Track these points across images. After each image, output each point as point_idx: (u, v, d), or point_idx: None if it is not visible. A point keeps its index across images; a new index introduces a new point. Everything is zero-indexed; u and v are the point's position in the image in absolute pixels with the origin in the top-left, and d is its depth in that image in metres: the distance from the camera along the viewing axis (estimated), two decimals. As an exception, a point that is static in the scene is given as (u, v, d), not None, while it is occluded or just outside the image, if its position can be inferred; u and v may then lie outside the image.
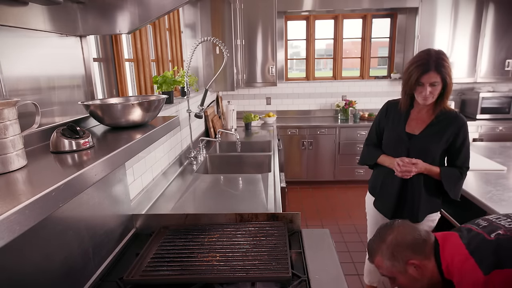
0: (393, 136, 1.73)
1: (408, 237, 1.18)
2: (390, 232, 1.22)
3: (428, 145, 1.65)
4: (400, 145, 1.70)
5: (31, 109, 0.76)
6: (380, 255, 1.21)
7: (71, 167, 0.71)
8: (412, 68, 1.57)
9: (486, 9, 4.03)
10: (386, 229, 1.25)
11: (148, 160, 1.82)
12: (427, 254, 1.16)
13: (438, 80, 1.53)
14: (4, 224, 0.45)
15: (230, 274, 1.09)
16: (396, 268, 1.18)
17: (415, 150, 1.66)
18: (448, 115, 1.64)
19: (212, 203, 1.78)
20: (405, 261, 1.16)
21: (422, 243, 1.17)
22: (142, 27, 1.21)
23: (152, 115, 1.11)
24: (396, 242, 1.19)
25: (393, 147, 1.74)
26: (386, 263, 1.20)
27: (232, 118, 3.71)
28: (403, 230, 1.21)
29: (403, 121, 1.71)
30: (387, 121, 1.78)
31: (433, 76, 1.52)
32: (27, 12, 0.89)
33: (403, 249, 1.17)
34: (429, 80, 1.53)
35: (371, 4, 4.32)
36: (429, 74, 1.52)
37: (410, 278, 1.16)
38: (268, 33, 3.93)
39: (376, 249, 1.24)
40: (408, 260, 1.16)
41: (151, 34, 2.33)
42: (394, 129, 1.73)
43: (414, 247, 1.17)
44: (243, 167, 2.74)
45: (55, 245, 0.96)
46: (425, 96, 1.57)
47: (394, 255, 1.18)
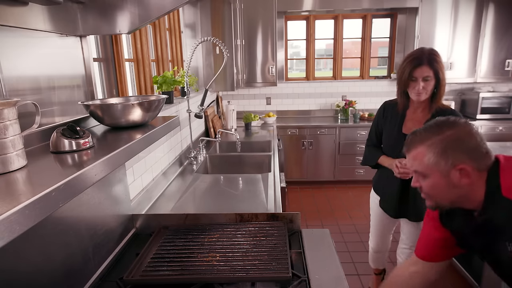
0: (391, 138, 1.76)
1: (472, 140, 0.96)
2: (451, 127, 0.99)
3: None
4: (398, 146, 1.70)
5: (31, 109, 0.76)
6: (427, 146, 0.99)
7: (71, 167, 0.71)
8: (405, 63, 1.60)
9: (486, 9, 4.03)
10: (446, 123, 1.01)
11: (148, 160, 1.82)
12: (482, 167, 0.97)
13: (431, 74, 1.56)
14: (4, 224, 0.45)
15: (230, 274, 1.09)
16: (439, 167, 0.98)
17: None
18: (444, 113, 1.64)
19: (212, 203, 1.78)
20: (454, 164, 0.96)
21: (484, 154, 0.97)
22: (142, 27, 1.21)
23: (152, 115, 1.11)
24: (456, 138, 0.97)
25: (391, 148, 1.76)
26: (430, 157, 0.99)
27: (232, 118, 3.71)
28: (468, 130, 0.98)
29: (400, 122, 1.72)
30: (385, 122, 1.81)
31: (425, 70, 1.55)
32: (27, 12, 0.89)
33: (460, 149, 0.96)
34: (422, 74, 1.56)
35: (371, 4, 4.31)
36: (422, 68, 1.55)
37: (446, 184, 0.98)
38: (268, 33, 3.93)
39: (424, 139, 1.01)
40: (459, 163, 0.95)
41: (151, 34, 2.33)
42: (391, 130, 1.75)
43: (474, 153, 0.96)
44: (243, 167, 2.73)
45: (55, 245, 0.96)
46: (418, 91, 1.59)
47: (446, 152, 0.96)
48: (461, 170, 0.95)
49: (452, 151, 0.96)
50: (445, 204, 1.03)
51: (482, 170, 0.97)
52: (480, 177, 0.97)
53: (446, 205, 1.03)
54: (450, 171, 0.96)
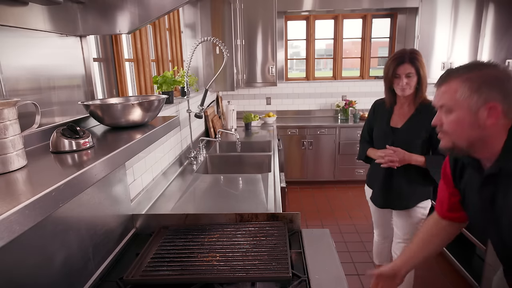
0: (380, 131, 1.90)
1: (510, 83, 0.92)
2: (492, 68, 0.95)
3: (410, 136, 1.79)
4: (386, 138, 1.85)
5: (31, 109, 0.76)
6: (463, 81, 0.94)
7: (71, 167, 0.71)
8: (390, 62, 1.77)
9: (486, 9, 4.03)
10: (487, 64, 0.96)
11: (148, 160, 1.82)
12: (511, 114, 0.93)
13: (413, 71, 1.71)
14: (4, 224, 0.45)
15: (230, 274, 1.09)
16: (469, 102, 0.93)
17: (398, 142, 1.80)
18: (428, 107, 1.76)
19: (212, 203, 1.78)
20: (486, 100, 0.91)
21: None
22: (142, 27, 1.21)
23: (152, 115, 1.11)
24: (495, 77, 0.92)
25: (380, 140, 1.89)
26: (462, 91, 0.94)
27: (232, 118, 3.71)
28: (509, 74, 0.93)
29: (388, 116, 1.88)
30: (375, 119, 1.95)
31: (407, 68, 1.71)
32: (27, 12, 0.89)
33: (497, 88, 0.91)
34: (404, 71, 1.72)
35: (371, 4, 4.31)
36: (404, 66, 1.72)
37: (471, 122, 0.94)
38: (268, 33, 3.93)
39: (461, 74, 0.96)
40: (492, 101, 0.91)
41: (151, 34, 2.33)
42: (380, 125, 1.90)
43: (509, 96, 0.91)
44: (243, 167, 2.73)
45: (55, 245, 0.96)
46: (402, 86, 1.74)
47: (481, 89, 0.92)
48: (490, 109, 0.91)
49: (487, 89, 0.91)
50: (462, 144, 0.98)
51: (510, 117, 0.93)
52: (505, 125, 0.93)
53: (463, 146, 0.98)
54: (479, 108, 0.92)
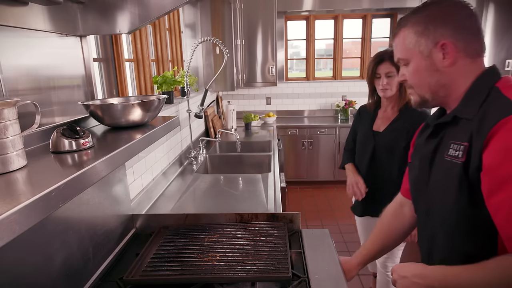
0: (362, 136, 1.86)
1: (461, 14, 0.80)
2: (438, 3, 0.83)
3: (391, 141, 1.72)
4: (367, 143, 1.80)
5: (31, 109, 0.76)
6: (409, 27, 0.85)
7: (71, 167, 0.71)
8: (370, 63, 1.72)
9: (486, 9, 4.03)
10: (435, 1, 0.85)
11: (148, 160, 1.82)
12: (470, 51, 0.80)
13: (393, 70, 1.64)
14: (4, 224, 0.45)
15: (230, 274, 1.09)
16: (419, 47, 0.84)
17: (380, 146, 1.75)
18: (411, 111, 1.70)
19: (212, 203, 1.78)
20: (435, 40, 0.81)
21: (477, 38, 0.80)
22: (142, 27, 1.21)
23: (152, 115, 1.11)
24: (440, 12, 0.81)
25: (362, 146, 1.85)
26: (411, 38, 0.85)
27: (232, 118, 3.71)
28: (460, 4, 0.81)
29: (371, 120, 1.83)
30: (360, 124, 1.91)
31: (387, 67, 1.65)
32: (27, 12, 0.89)
33: (444, 23, 0.80)
34: (385, 70, 1.66)
35: (371, 4, 4.31)
36: (384, 64, 1.66)
37: (428, 66, 0.83)
38: (268, 33, 3.93)
39: (407, 20, 0.86)
40: (441, 39, 0.80)
41: (151, 34, 2.33)
42: (363, 129, 1.86)
43: (462, 29, 0.79)
44: (243, 167, 2.73)
45: (55, 245, 0.96)
46: (383, 86, 1.68)
47: (428, 29, 0.82)
48: (443, 47, 0.80)
49: (434, 26, 0.81)
50: (427, 95, 0.88)
51: (471, 55, 0.81)
52: (467, 65, 0.81)
53: (428, 97, 0.88)
54: (431, 50, 0.82)
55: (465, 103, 0.80)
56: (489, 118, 0.71)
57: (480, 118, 0.74)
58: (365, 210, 1.89)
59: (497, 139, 0.68)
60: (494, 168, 0.68)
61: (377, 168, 1.76)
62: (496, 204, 0.68)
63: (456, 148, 0.78)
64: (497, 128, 0.68)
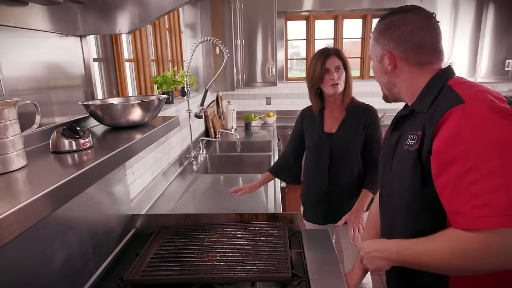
0: (314, 139, 1.75)
1: (407, 28, 0.90)
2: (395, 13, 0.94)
3: (346, 140, 1.68)
4: (322, 145, 1.71)
5: (31, 109, 0.76)
6: (374, 31, 0.99)
7: (71, 167, 0.71)
8: (315, 60, 1.65)
9: (486, 9, 4.03)
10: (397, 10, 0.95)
11: (148, 160, 1.82)
12: (415, 61, 0.91)
13: (340, 64, 1.63)
14: (4, 224, 0.45)
15: (230, 274, 1.09)
16: (374, 52, 0.99)
17: (336, 148, 1.68)
18: (359, 107, 1.70)
19: (212, 203, 1.78)
20: (383, 49, 0.95)
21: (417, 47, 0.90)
22: (142, 27, 1.21)
23: (152, 115, 1.11)
24: (390, 24, 0.92)
25: (316, 149, 1.74)
26: (371, 41, 1.00)
27: (232, 118, 3.71)
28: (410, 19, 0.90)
29: (320, 123, 1.74)
30: (305, 126, 1.80)
31: (335, 60, 1.63)
32: (27, 12, 0.89)
33: (389, 35, 0.92)
34: (333, 64, 1.62)
35: (371, 4, 4.31)
36: (332, 58, 1.62)
37: (380, 69, 0.99)
38: (268, 33, 3.92)
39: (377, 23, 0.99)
40: (386, 49, 0.94)
41: (151, 34, 2.33)
42: (314, 132, 1.75)
43: (403, 42, 0.90)
44: (243, 167, 2.73)
45: (55, 245, 0.96)
46: (334, 80, 1.62)
47: (380, 37, 0.95)
48: (386, 55, 0.94)
49: (383, 37, 0.94)
50: (384, 90, 1.03)
51: (416, 64, 0.91)
52: (413, 71, 0.92)
53: (386, 92, 1.03)
54: (382, 56, 0.96)
55: (420, 99, 0.90)
56: (439, 109, 0.80)
57: (432, 110, 0.83)
58: (328, 217, 1.75)
59: (445, 127, 0.77)
60: (441, 152, 0.76)
61: (337, 170, 1.69)
62: (441, 183, 0.76)
63: (412, 137, 0.87)
64: (445, 117, 0.77)
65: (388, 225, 1.03)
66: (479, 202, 0.68)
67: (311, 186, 1.81)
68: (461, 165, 0.71)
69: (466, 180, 0.70)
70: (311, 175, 1.80)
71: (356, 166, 1.69)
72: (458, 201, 0.72)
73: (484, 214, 0.67)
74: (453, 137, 0.74)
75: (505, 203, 0.65)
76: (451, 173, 0.73)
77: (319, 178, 1.74)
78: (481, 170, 0.69)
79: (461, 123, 0.74)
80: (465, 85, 0.84)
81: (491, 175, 0.68)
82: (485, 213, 0.67)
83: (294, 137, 1.86)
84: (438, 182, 0.77)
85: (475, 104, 0.76)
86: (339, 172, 1.69)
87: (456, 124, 0.75)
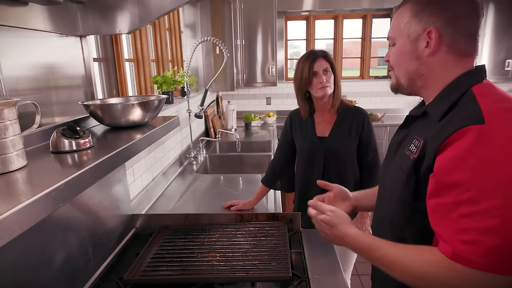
0: (307, 144, 1.69)
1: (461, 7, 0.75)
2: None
3: (340, 144, 1.64)
4: (316, 150, 1.66)
5: (31, 109, 0.76)
6: (413, 2, 0.80)
7: (71, 167, 0.71)
8: (302, 63, 1.61)
9: (486, 9, 4.03)
10: None
11: (148, 160, 1.82)
12: (457, 48, 0.76)
13: (328, 66, 1.60)
14: (4, 224, 0.45)
15: (230, 274, 1.09)
16: (408, 28, 0.80)
17: (330, 152, 1.64)
18: (349, 110, 1.66)
19: (212, 203, 1.78)
20: (424, 26, 0.77)
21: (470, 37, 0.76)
22: (142, 27, 1.21)
23: (152, 115, 1.11)
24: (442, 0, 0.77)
25: (310, 155, 1.69)
26: (405, 16, 0.81)
27: (232, 118, 3.71)
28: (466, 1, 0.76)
29: (311, 127, 1.69)
30: (295, 130, 1.75)
31: (323, 63, 1.59)
32: (27, 12, 0.89)
33: (439, 10, 0.76)
34: (321, 66, 1.59)
35: (371, 4, 4.31)
36: (319, 61, 1.58)
37: (410, 51, 0.81)
38: (268, 33, 3.92)
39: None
40: (430, 26, 0.76)
41: (151, 34, 2.33)
42: (305, 137, 1.69)
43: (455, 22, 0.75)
44: (243, 167, 2.73)
45: (55, 245, 0.96)
46: (323, 83, 1.57)
47: (423, 11, 0.77)
48: (429, 34, 0.77)
49: (429, 11, 0.77)
50: (403, 81, 0.86)
51: (456, 53, 0.77)
52: (449, 61, 0.77)
53: (404, 83, 0.86)
54: (419, 35, 0.78)
55: (437, 102, 0.79)
56: (453, 123, 0.70)
57: (444, 122, 0.73)
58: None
59: (453, 147, 0.68)
60: (442, 173, 0.69)
61: (330, 174, 1.63)
62: (433, 205, 0.71)
63: (415, 143, 0.78)
64: (457, 137, 0.67)
65: (376, 223, 0.98)
66: (466, 238, 0.63)
67: (305, 193, 1.73)
68: (459, 193, 0.65)
69: (458, 211, 0.65)
70: (304, 181, 1.73)
71: (351, 169, 1.66)
72: (444, 230, 0.68)
73: (469, 252, 0.62)
74: (459, 160, 0.66)
75: (495, 246, 0.60)
76: (446, 199, 0.67)
77: (313, 185, 1.63)
78: (479, 205, 0.62)
79: (473, 148, 0.64)
80: (492, 98, 0.72)
81: (489, 214, 0.61)
82: (470, 251, 0.62)
83: (285, 143, 1.79)
84: (430, 202, 0.72)
85: (497, 128, 0.65)
86: (334, 177, 1.64)
87: (466, 148, 0.65)
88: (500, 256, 0.60)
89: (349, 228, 0.87)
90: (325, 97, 1.62)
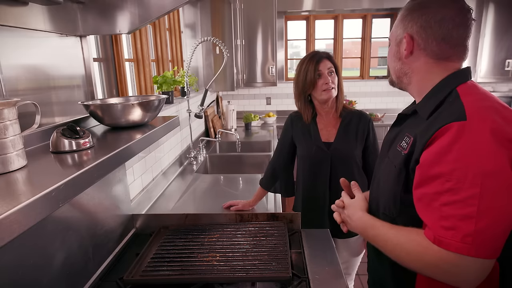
0: (312, 150, 1.62)
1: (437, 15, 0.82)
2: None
3: (347, 149, 1.59)
4: (323, 156, 1.60)
5: (31, 109, 0.76)
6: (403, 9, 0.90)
7: (71, 167, 0.71)
8: (305, 65, 1.56)
9: (486, 9, 4.03)
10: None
11: (148, 160, 1.82)
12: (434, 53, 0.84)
13: (332, 67, 1.57)
14: (4, 224, 0.45)
15: (230, 274, 1.09)
16: (396, 32, 0.91)
17: (336, 158, 1.59)
18: (353, 114, 1.63)
19: (212, 203, 1.78)
20: (404, 31, 0.87)
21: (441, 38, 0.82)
22: (142, 27, 1.21)
23: (152, 115, 1.11)
24: (419, 4, 0.85)
25: (314, 161, 1.62)
26: (396, 21, 0.92)
27: (232, 118, 3.71)
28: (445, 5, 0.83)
29: (316, 132, 1.63)
30: (297, 133, 1.68)
31: (328, 63, 1.56)
32: (27, 12, 0.89)
33: (416, 17, 0.84)
34: (326, 66, 1.55)
35: (371, 4, 4.31)
36: (324, 62, 1.55)
37: (395, 52, 0.91)
38: (268, 33, 3.92)
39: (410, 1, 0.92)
40: (407, 31, 0.86)
41: (151, 34, 2.33)
42: (309, 143, 1.63)
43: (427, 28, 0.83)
44: (243, 167, 2.73)
45: (55, 245, 0.96)
46: (328, 84, 1.53)
47: (405, 18, 0.87)
48: (405, 38, 0.86)
49: (409, 18, 0.86)
50: (393, 76, 0.97)
51: (433, 57, 0.84)
52: (429, 63, 0.85)
53: (394, 79, 0.96)
54: (401, 39, 0.88)
55: (426, 101, 0.85)
56: (438, 120, 0.76)
57: (431, 120, 0.79)
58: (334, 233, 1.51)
59: (438, 142, 0.74)
60: (426, 165, 0.75)
61: (337, 180, 1.48)
62: (419, 194, 0.77)
63: (406, 140, 0.85)
64: (441, 132, 0.74)
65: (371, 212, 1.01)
66: (446, 224, 0.69)
67: (309, 200, 1.67)
68: (441, 184, 0.71)
69: (440, 200, 0.71)
70: (308, 189, 1.66)
71: (358, 174, 1.62)
72: (428, 217, 0.74)
73: (448, 237, 0.68)
74: (441, 153, 0.72)
75: (470, 232, 0.66)
76: (429, 189, 0.74)
77: (319, 192, 1.62)
78: (458, 194, 0.69)
79: (454, 142, 0.71)
80: (475, 97, 0.78)
81: (467, 202, 0.68)
82: (449, 236, 0.68)
83: (285, 145, 1.73)
84: (416, 192, 0.78)
85: (477, 124, 0.71)
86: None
87: (448, 142, 0.71)
88: (477, 240, 0.66)
89: (357, 211, 0.97)
90: (329, 101, 1.58)
